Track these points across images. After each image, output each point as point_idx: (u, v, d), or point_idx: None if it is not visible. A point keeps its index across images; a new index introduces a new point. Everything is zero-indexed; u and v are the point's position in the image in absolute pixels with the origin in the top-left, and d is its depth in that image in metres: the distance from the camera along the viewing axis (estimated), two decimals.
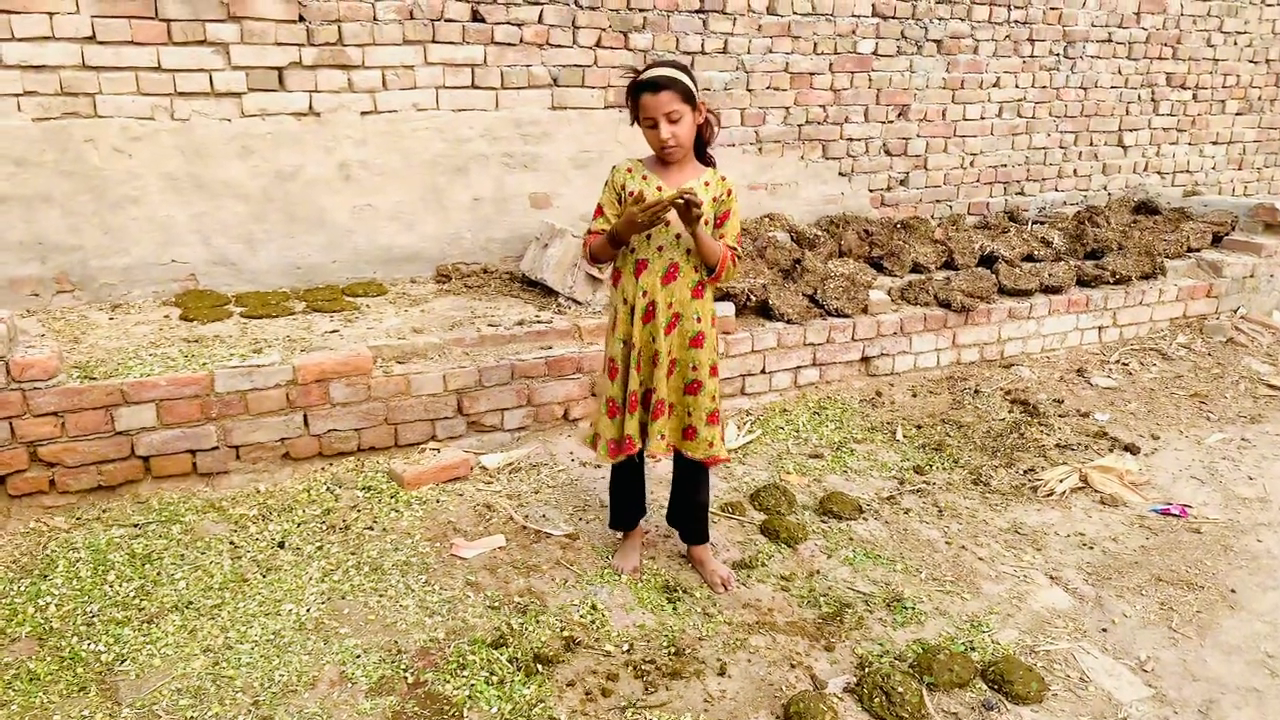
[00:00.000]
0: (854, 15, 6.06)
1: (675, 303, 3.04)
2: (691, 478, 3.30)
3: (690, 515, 3.36)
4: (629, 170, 3.04)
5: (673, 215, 2.90)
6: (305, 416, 3.84)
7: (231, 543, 3.40)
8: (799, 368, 4.91)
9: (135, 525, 3.48)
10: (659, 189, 2.95)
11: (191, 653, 2.82)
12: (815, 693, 2.75)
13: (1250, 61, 7.81)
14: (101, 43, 4.28)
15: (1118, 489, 4.09)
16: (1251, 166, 8.23)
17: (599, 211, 3.08)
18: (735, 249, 3.07)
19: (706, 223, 2.98)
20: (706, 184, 3.00)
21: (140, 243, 4.58)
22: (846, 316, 5.00)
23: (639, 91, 2.88)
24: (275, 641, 2.89)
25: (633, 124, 2.99)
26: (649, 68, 2.92)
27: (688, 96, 2.87)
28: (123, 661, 2.78)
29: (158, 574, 3.19)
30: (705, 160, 3.07)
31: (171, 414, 3.62)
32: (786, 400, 4.89)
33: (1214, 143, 7.93)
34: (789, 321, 4.86)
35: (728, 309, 4.71)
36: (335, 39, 4.70)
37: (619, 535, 3.50)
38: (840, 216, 6.14)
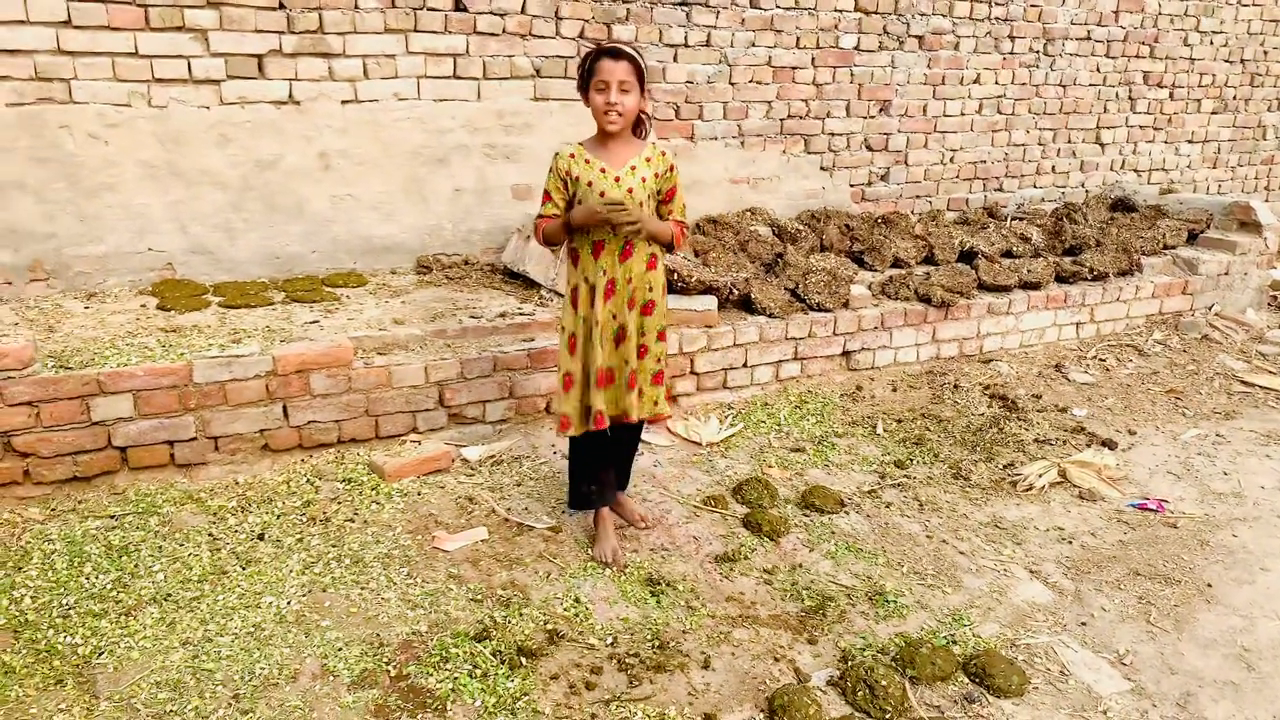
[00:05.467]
0: (836, 10, 6.06)
1: (634, 278, 3.20)
2: (631, 440, 3.57)
3: (624, 472, 3.64)
4: (571, 155, 3.19)
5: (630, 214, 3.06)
6: (285, 408, 3.81)
7: (210, 534, 3.37)
8: (780, 361, 4.92)
9: (112, 517, 3.44)
10: (603, 170, 3.11)
11: (170, 645, 2.79)
12: (799, 686, 2.76)
13: (1226, 61, 7.89)
14: (77, 27, 4.21)
15: (1095, 484, 4.12)
16: (1226, 165, 8.32)
17: (546, 197, 3.22)
18: (683, 221, 3.27)
19: (652, 198, 3.18)
20: (648, 160, 3.17)
21: (116, 231, 4.52)
22: (828, 311, 5.01)
23: (599, 57, 3.04)
24: (255, 634, 2.86)
25: (580, 89, 3.13)
26: (609, 44, 3.12)
27: (640, 76, 3.05)
28: (100, 654, 2.74)
29: (135, 566, 3.16)
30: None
31: (149, 404, 3.58)
32: (768, 394, 4.89)
33: (1189, 141, 8.01)
34: (771, 315, 4.86)
35: (710, 303, 4.70)
36: (316, 27, 4.65)
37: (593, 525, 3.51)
38: (821, 211, 6.15)
